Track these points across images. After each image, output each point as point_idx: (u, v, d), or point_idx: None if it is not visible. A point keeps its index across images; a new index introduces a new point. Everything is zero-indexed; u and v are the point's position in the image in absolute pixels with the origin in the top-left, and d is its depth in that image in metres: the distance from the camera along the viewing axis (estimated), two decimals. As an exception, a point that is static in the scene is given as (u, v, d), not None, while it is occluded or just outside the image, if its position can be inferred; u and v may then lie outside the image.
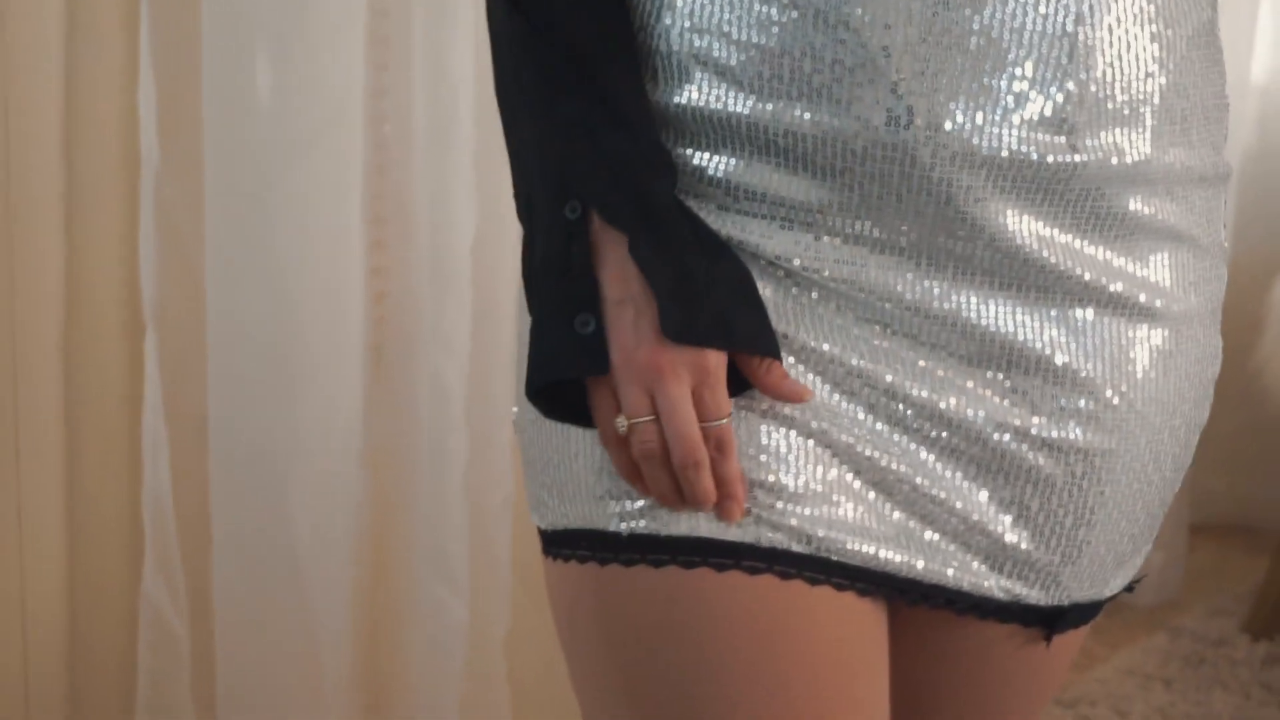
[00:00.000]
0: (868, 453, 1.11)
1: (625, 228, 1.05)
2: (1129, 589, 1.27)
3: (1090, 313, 1.11)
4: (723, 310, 1.05)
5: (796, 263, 1.08)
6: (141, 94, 2.05)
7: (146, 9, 2.04)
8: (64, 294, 2.10)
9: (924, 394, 1.10)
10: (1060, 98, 1.04)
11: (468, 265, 2.26)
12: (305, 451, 2.17)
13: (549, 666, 2.46)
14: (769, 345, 1.07)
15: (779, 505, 1.09)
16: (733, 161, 1.08)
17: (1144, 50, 1.07)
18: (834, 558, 1.10)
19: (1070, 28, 1.04)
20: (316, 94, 2.09)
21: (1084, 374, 1.11)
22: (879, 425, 1.10)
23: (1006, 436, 1.11)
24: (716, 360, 1.05)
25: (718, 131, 1.08)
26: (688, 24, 1.07)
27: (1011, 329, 1.10)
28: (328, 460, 2.19)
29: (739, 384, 1.08)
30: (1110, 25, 1.05)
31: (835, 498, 1.10)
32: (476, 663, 2.38)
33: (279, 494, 2.16)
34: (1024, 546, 1.15)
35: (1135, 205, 1.10)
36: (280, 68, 2.08)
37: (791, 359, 1.09)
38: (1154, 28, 1.07)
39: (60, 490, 2.14)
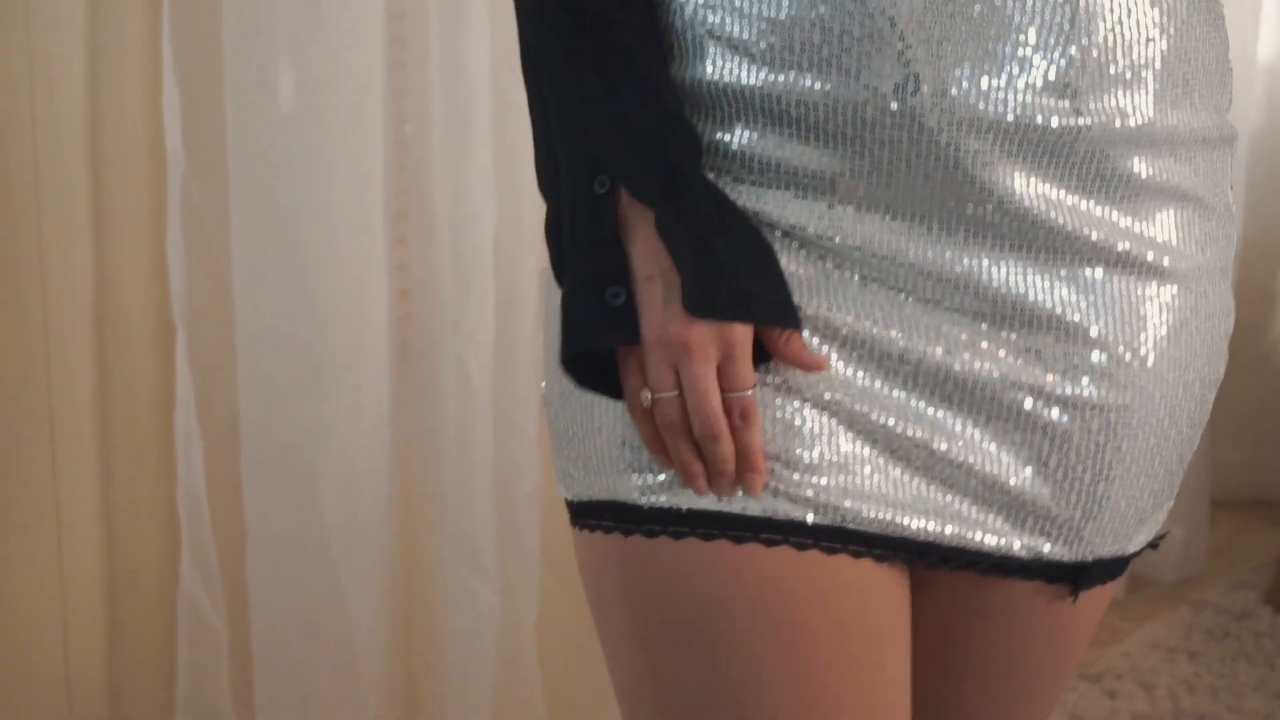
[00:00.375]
0: (883, 420, 1.13)
1: (652, 202, 1.08)
2: (1153, 545, 1.29)
3: (1100, 271, 1.13)
4: (745, 284, 1.08)
5: (811, 230, 1.11)
6: (166, 99, 2.08)
7: (168, 15, 2.08)
8: (94, 298, 2.14)
9: (940, 356, 1.12)
10: (1063, 63, 1.07)
11: (489, 259, 2.29)
12: (334, 446, 2.20)
13: (579, 652, 2.49)
14: (790, 317, 1.09)
15: (795, 477, 1.11)
16: (747, 133, 1.11)
17: (1145, 15, 1.09)
18: (850, 526, 1.13)
19: None
20: (336, 95, 2.13)
21: (1096, 332, 1.13)
22: (895, 391, 1.13)
23: (1022, 394, 1.13)
24: (742, 333, 1.08)
25: (732, 104, 1.10)
26: (701, 0, 1.10)
27: (1023, 289, 1.12)
28: (356, 454, 2.22)
29: (759, 355, 1.10)
30: None
31: (851, 467, 1.12)
32: (507, 650, 2.41)
33: (310, 488, 2.20)
34: (1044, 503, 1.16)
35: (1140, 166, 1.12)
36: (300, 70, 2.12)
37: (806, 331, 1.11)
38: None
39: (96, 489, 2.18)
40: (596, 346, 1.11)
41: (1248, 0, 3.06)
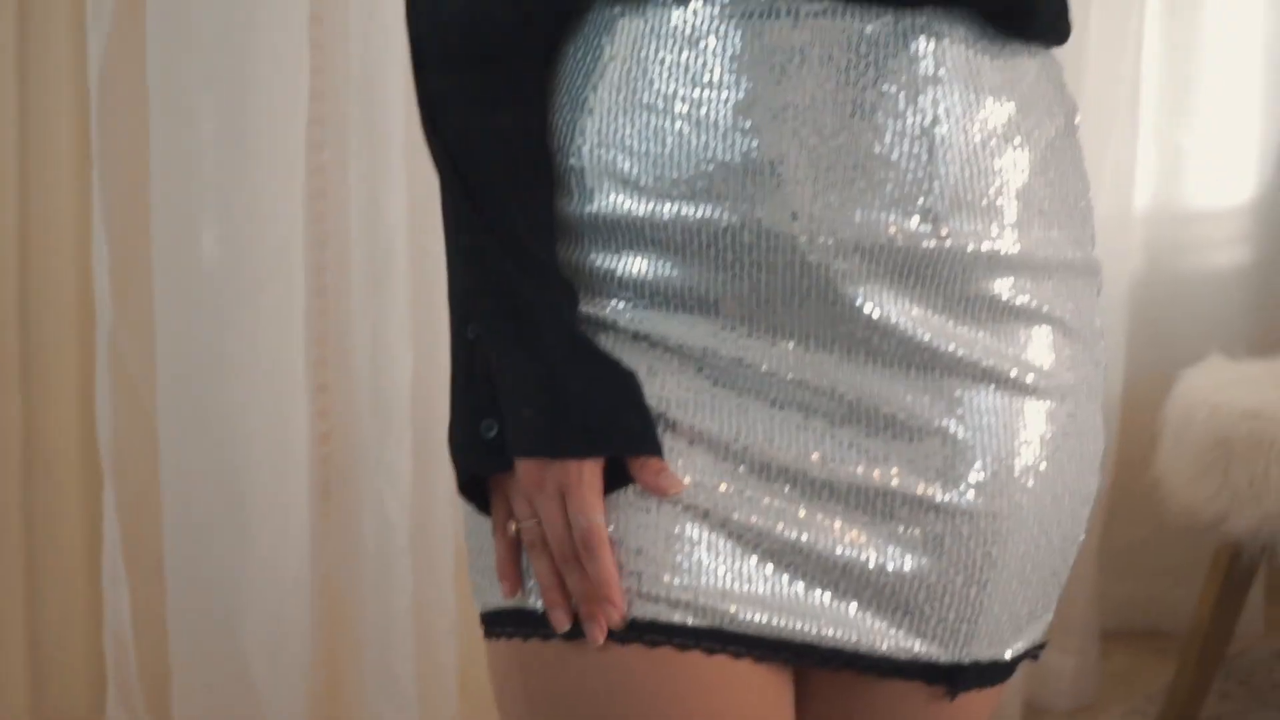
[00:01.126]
0: (761, 524, 1.19)
1: (500, 350, 1.18)
2: (1034, 656, 1.34)
3: (970, 387, 1.20)
4: (589, 419, 1.16)
5: (696, 348, 1.19)
6: (95, 252, 2.16)
7: (98, 169, 2.16)
8: (23, 443, 2.20)
9: (816, 463, 1.19)
10: (922, 190, 1.16)
11: (407, 403, 2.37)
12: (258, 585, 2.26)
13: (497, 785, 2.54)
14: (640, 445, 1.17)
15: (676, 581, 1.18)
16: (639, 260, 1.19)
17: (1001, 146, 1.19)
18: (730, 628, 1.19)
19: (928, 128, 1.16)
20: (259, 246, 2.22)
21: (967, 443, 1.20)
22: (773, 498, 1.19)
23: (897, 500, 1.20)
24: (577, 469, 1.16)
25: (624, 234, 1.19)
26: (596, 141, 1.19)
27: (896, 402, 1.19)
28: (279, 592, 2.28)
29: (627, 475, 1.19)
30: (966, 126, 1.17)
31: (731, 571, 1.19)
32: (427, 783, 2.46)
33: (234, 627, 2.25)
34: (920, 605, 1.22)
35: (1002, 289, 1.20)
36: (224, 222, 2.20)
37: (686, 443, 1.19)
38: (1010, 126, 1.20)
39: (23, 631, 2.22)
40: (477, 474, 1.21)
41: (1125, 150, 3.17)
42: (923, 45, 1.16)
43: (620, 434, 1.17)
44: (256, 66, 2.20)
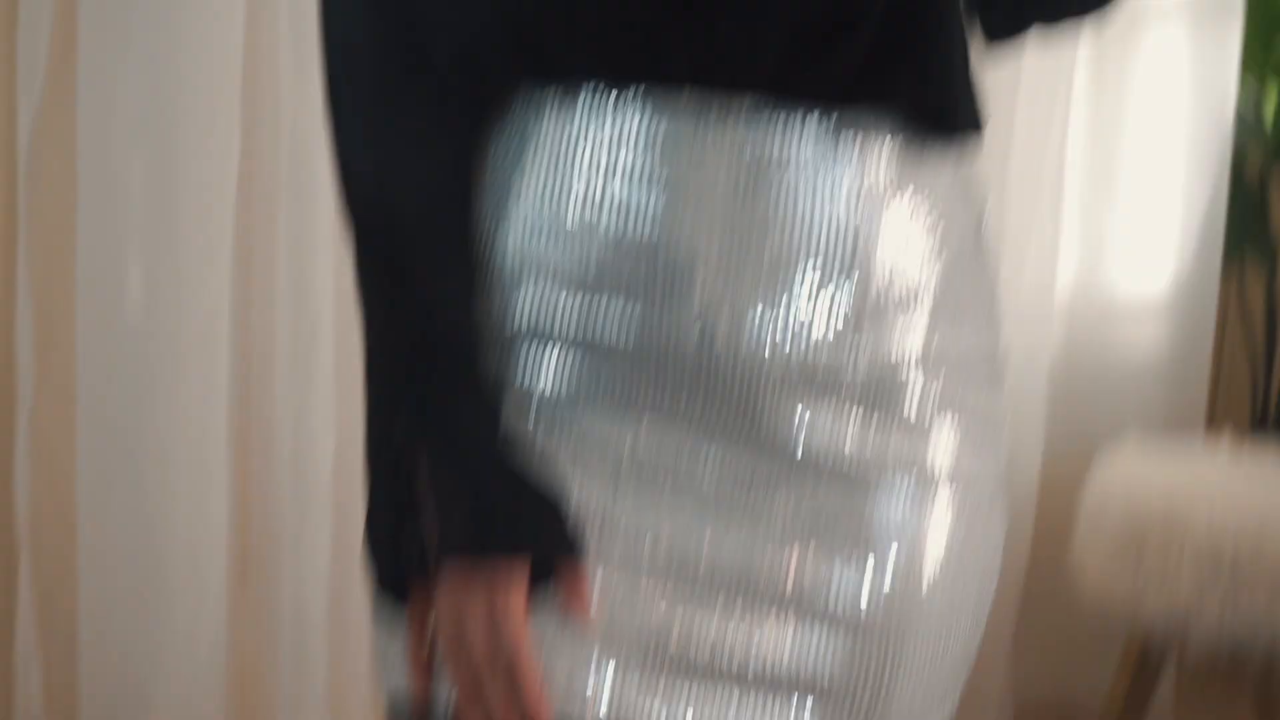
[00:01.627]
0: (675, 630, 1.19)
1: (430, 453, 1.17)
2: None
3: (883, 487, 1.21)
4: (516, 524, 1.16)
5: (619, 445, 1.19)
6: (18, 322, 2.14)
7: (24, 232, 2.14)
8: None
9: (736, 564, 1.20)
10: (844, 292, 1.18)
11: (328, 486, 2.36)
12: (173, 665, 2.24)
13: None
14: (561, 548, 1.16)
15: (591, 695, 1.17)
16: (562, 353, 1.20)
17: (920, 243, 1.22)
18: None
19: (850, 230, 1.18)
20: (185, 320, 2.21)
21: (877, 543, 1.22)
22: (688, 605, 1.19)
23: (810, 605, 1.21)
24: (505, 579, 1.14)
25: (549, 325, 1.19)
26: (521, 232, 1.20)
27: (809, 505, 1.20)
28: (194, 672, 2.26)
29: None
30: (887, 223, 1.20)
31: (641, 684, 1.18)
32: None
33: (148, 708, 2.23)
34: (828, 707, 1.22)
35: (913, 383, 1.22)
36: (151, 292, 2.19)
37: (607, 543, 1.19)
38: (927, 223, 1.22)
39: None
40: (398, 577, 1.20)
41: (1048, 232, 3.20)
42: (848, 148, 1.19)
43: (545, 539, 1.17)
44: (186, 130, 2.19)
